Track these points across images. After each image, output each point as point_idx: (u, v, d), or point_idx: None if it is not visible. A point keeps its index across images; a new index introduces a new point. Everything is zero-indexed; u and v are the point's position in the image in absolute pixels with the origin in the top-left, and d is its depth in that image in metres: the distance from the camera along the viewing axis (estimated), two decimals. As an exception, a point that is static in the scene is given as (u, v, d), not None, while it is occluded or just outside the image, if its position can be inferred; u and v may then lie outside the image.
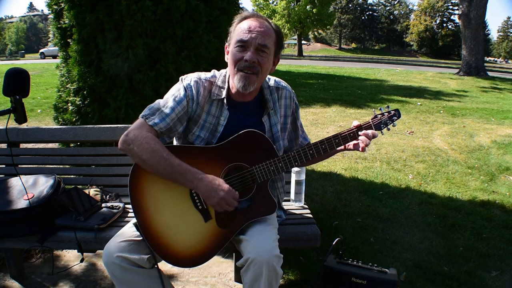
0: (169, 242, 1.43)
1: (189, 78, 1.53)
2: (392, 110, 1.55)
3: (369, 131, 1.49)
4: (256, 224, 1.50)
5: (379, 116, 1.54)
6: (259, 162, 1.48)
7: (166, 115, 1.45)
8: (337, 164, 4.28)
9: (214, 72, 1.59)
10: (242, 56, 1.43)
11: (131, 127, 1.44)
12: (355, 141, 1.51)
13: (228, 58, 1.51)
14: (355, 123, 1.53)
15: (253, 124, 1.54)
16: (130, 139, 1.39)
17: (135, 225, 1.44)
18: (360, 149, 1.48)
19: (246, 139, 1.48)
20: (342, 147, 1.56)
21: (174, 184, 1.42)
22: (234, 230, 1.47)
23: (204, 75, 1.56)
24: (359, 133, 1.50)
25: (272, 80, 1.65)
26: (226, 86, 1.53)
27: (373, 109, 1.61)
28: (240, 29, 1.45)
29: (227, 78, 1.54)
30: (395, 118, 1.55)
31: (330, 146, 1.51)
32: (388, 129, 1.56)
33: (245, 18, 1.48)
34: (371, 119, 1.54)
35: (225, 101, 1.52)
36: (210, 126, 1.53)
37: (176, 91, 1.51)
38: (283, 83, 1.67)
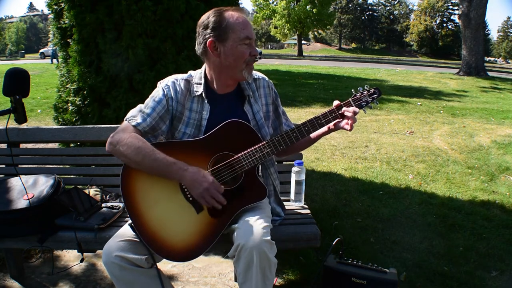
0: (164, 236, 1.43)
1: (167, 80, 1.60)
2: (372, 88, 1.58)
3: (350, 108, 1.51)
4: (248, 212, 1.51)
5: (358, 94, 1.57)
6: (244, 149, 1.50)
7: (148, 114, 1.51)
8: (337, 164, 4.28)
9: (190, 72, 1.64)
10: (249, 52, 1.49)
11: (116, 130, 1.48)
12: (338, 120, 1.53)
13: (229, 54, 1.48)
14: (336, 102, 1.55)
15: (236, 114, 1.57)
16: (115, 140, 1.43)
17: (130, 225, 1.45)
18: (346, 128, 1.50)
19: (230, 128, 1.50)
20: (326, 128, 1.58)
21: (164, 179, 1.45)
22: (227, 219, 1.48)
23: (180, 76, 1.62)
24: (339, 111, 1.52)
25: None
26: (202, 82, 1.58)
27: (352, 89, 1.63)
28: (239, 25, 1.46)
29: (203, 75, 1.60)
30: (376, 95, 1.57)
31: (313, 126, 1.53)
32: (370, 107, 1.58)
33: (235, 11, 1.49)
34: (351, 98, 1.57)
35: (203, 95, 1.56)
36: (194, 122, 1.57)
37: (155, 92, 1.57)
38: (259, 74, 1.71)
